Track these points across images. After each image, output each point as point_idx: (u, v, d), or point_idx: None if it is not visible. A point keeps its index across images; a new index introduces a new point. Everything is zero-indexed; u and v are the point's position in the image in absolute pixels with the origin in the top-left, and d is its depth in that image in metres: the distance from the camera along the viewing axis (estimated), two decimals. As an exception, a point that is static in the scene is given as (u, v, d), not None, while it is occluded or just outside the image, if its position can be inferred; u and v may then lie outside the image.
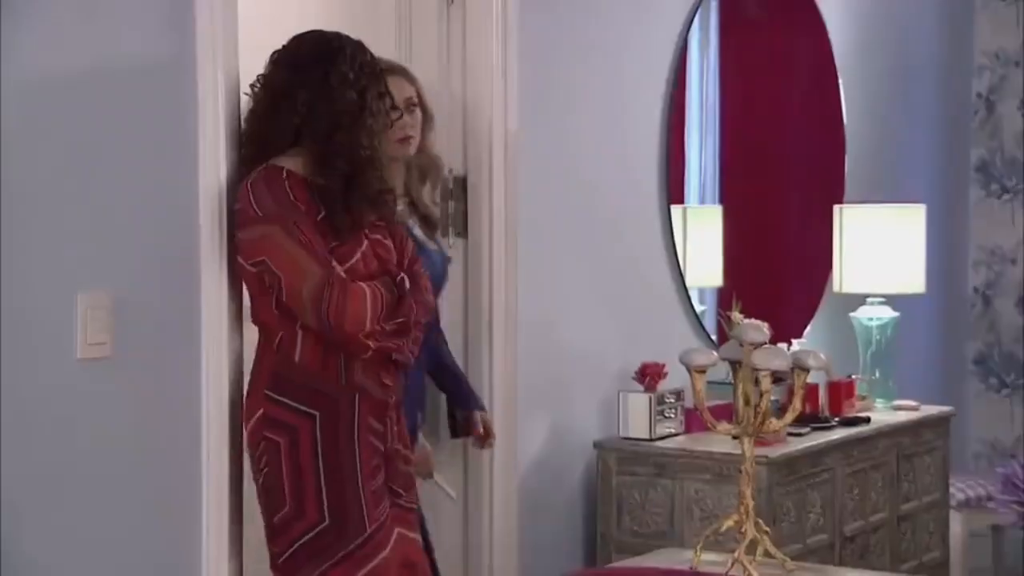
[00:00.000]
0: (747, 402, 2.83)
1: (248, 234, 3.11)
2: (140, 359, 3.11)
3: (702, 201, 5.07)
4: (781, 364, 2.77)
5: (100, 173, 3.05)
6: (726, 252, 5.01)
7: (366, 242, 3.20)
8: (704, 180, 5.08)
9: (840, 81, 5.53)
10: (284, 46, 3.23)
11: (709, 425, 2.83)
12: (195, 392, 3.22)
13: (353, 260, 3.17)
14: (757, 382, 2.88)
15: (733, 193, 5.15)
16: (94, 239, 3.03)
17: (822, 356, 2.90)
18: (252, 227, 3.09)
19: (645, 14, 4.64)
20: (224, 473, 3.25)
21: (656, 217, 4.73)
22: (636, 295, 4.47)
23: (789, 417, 2.83)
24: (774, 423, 2.83)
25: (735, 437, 2.91)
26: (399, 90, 3.59)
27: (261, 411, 3.12)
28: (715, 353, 2.89)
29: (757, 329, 2.80)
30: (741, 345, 2.84)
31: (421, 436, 3.58)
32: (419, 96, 3.66)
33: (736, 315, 4.64)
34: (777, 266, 5.40)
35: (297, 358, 3.12)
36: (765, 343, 2.79)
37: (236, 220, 3.14)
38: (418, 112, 3.66)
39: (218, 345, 3.26)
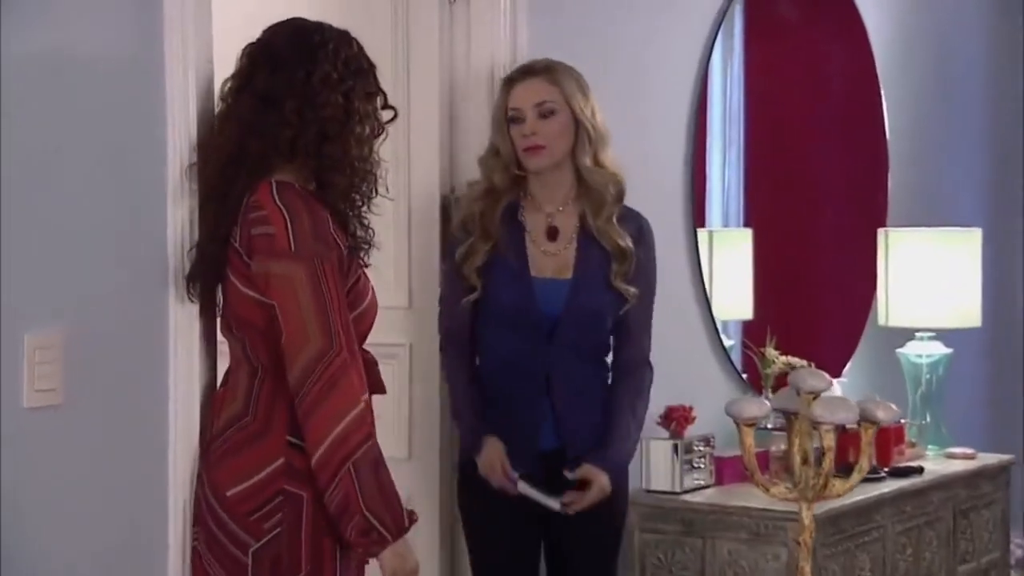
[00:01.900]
0: (804, 460, 2.59)
1: (266, 267, 2.96)
2: (95, 407, 2.99)
3: (725, 223, 5.00)
4: (847, 416, 2.54)
5: (51, 193, 2.92)
6: (756, 280, 4.94)
7: (362, 270, 3.11)
8: (727, 200, 5.03)
9: (882, 91, 5.46)
10: (259, 39, 3.09)
11: (761, 487, 2.59)
12: (160, 444, 3.09)
13: (368, 299, 3.08)
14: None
15: (760, 214, 5.09)
16: (44, 270, 2.91)
17: (893, 407, 2.67)
18: (276, 261, 2.94)
19: (667, 15, 4.61)
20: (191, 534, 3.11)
21: (681, 241, 4.67)
22: (659, 328, 4.22)
23: (856, 478, 2.60)
24: (837, 486, 2.59)
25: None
26: (531, 93, 3.61)
27: (282, 460, 2.96)
28: (767, 402, 2.66)
29: (817, 376, 2.57)
30: (798, 393, 2.60)
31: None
32: (567, 103, 3.62)
33: (770, 351, 4.73)
34: (812, 296, 5.32)
35: None
36: (827, 392, 2.55)
37: (254, 245, 2.97)
38: (557, 119, 3.61)
39: (188, 389, 3.14)
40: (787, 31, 5.22)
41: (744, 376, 4.84)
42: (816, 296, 5.32)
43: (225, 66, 3.14)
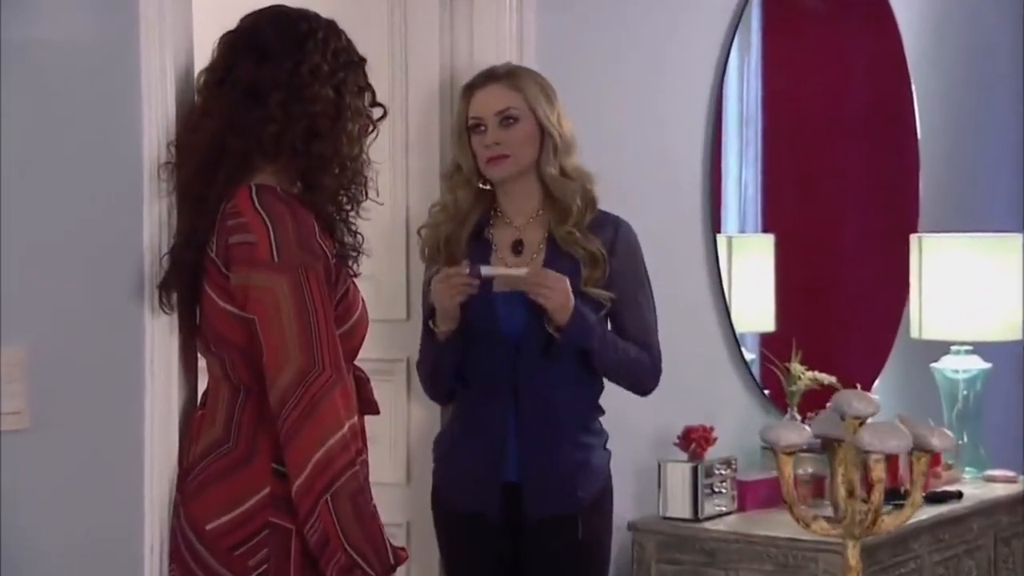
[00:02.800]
0: (851, 493, 2.44)
1: (246, 279, 2.88)
2: (65, 431, 2.92)
3: (742, 229, 4.98)
4: (899, 445, 2.40)
5: (14, 195, 2.84)
6: (778, 290, 4.91)
7: (351, 280, 3.04)
8: (744, 204, 5.01)
9: (913, 85, 5.43)
10: (239, 27, 3.02)
11: (802, 522, 2.44)
12: (136, 471, 3.02)
13: (358, 312, 3.01)
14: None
15: (780, 219, 5.06)
16: (7, 279, 2.83)
17: (948, 433, 2.53)
18: (257, 272, 2.86)
19: (685, 9, 4.61)
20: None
21: (699, 249, 4.66)
22: (676, 343, 4.22)
23: (908, 512, 2.46)
24: (887, 521, 2.44)
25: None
26: (492, 100, 3.60)
27: (267, 490, 2.89)
28: (807, 428, 2.52)
29: (864, 399, 2.43)
30: (842, 418, 2.46)
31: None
32: (530, 109, 3.61)
33: (796, 367, 4.71)
34: (838, 307, 5.29)
35: None
36: (875, 416, 2.40)
37: (232, 255, 2.89)
38: (521, 127, 3.60)
39: (166, 410, 3.05)
40: (809, 21, 5.17)
41: (766, 392, 4.80)
42: (842, 307, 5.28)
43: (204, 57, 3.07)
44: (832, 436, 2.52)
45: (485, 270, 3.50)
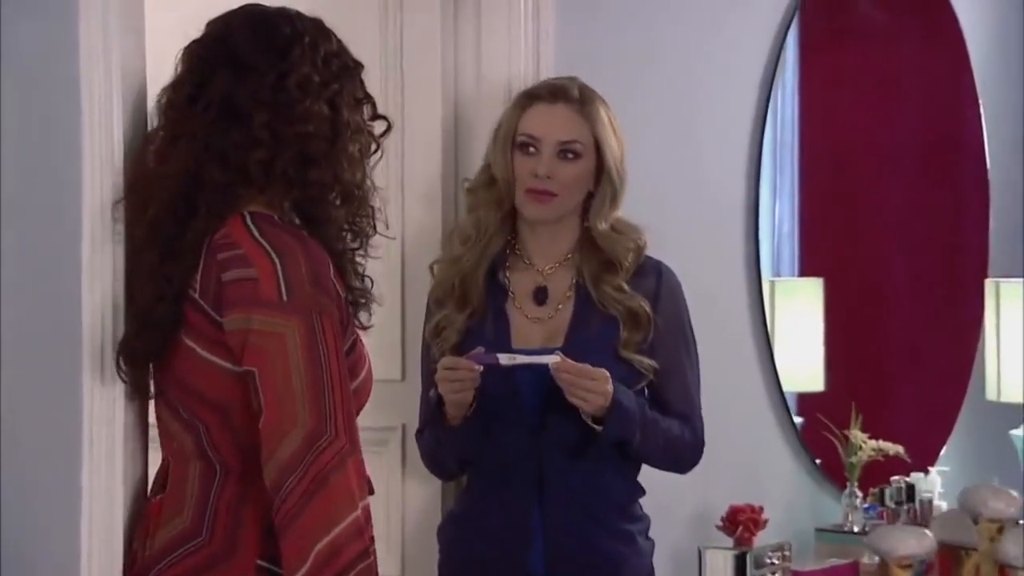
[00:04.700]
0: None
1: (245, 322, 2.71)
2: None
3: (776, 271, 4.86)
4: None
5: None
6: (829, 343, 4.83)
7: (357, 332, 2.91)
8: (778, 242, 4.91)
9: (982, 108, 5.36)
10: (208, 33, 2.85)
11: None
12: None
13: (364, 371, 2.85)
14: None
15: (821, 261, 5.00)
16: None
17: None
18: (259, 314, 2.70)
19: (726, 22, 4.55)
20: None
21: (741, 296, 4.56)
22: (717, 407, 4.04)
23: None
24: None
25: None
26: (557, 125, 3.44)
27: None
28: (928, 534, 2.17)
29: (1004, 496, 2.09)
30: (975, 521, 2.12)
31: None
32: (596, 145, 3.43)
33: (856, 434, 4.53)
34: (895, 364, 5.21)
35: None
36: (1017, 518, 2.06)
37: (227, 294, 2.72)
38: (580, 163, 3.42)
39: (108, 503, 2.88)
40: (856, 32, 5.13)
41: (817, 462, 4.69)
42: (900, 364, 5.20)
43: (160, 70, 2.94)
44: (962, 544, 2.18)
45: (504, 358, 3.31)
